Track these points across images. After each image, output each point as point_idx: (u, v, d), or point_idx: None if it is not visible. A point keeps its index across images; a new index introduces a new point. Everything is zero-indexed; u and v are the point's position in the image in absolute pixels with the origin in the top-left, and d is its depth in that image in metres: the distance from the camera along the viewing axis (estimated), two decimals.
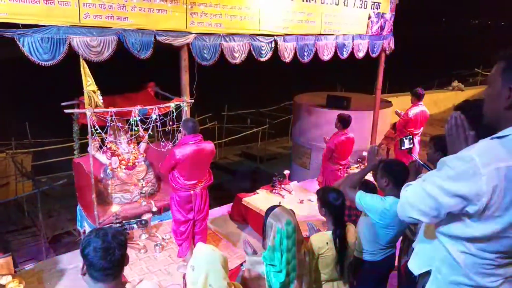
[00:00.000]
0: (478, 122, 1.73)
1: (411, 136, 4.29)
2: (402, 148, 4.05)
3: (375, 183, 3.43)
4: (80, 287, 1.67)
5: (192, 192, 4.01)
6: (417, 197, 1.72)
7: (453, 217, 1.67)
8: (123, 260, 1.64)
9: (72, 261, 4.60)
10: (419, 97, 6.47)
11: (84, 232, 5.10)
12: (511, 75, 1.57)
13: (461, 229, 1.66)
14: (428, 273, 1.86)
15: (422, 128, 6.70)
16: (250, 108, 14.95)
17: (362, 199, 2.78)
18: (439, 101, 15.29)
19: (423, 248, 1.95)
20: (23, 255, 6.94)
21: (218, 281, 1.82)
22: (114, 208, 4.69)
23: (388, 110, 9.08)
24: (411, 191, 1.77)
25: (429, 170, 3.18)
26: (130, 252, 4.55)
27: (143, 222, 4.89)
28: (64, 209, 8.48)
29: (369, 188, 3.13)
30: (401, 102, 11.60)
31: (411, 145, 4.16)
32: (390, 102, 9.83)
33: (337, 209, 2.59)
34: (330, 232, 2.58)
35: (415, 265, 1.96)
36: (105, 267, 1.56)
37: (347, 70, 15.04)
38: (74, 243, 7.44)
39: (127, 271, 4.19)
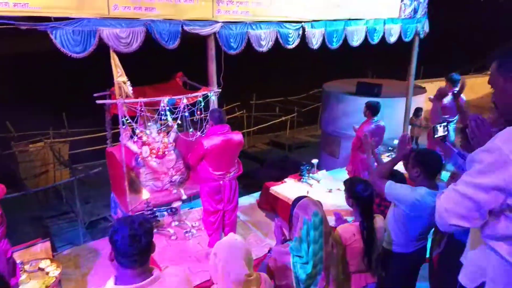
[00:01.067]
0: None
1: (445, 123, 4.08)
2: (436, 136, 3.88)
3: (405, 173, 3.32)
4: (114, 272, 1.73)
5: (221, 182, 4.04)
6: (452, 202, 1.63)
7: (496, 216, 1.59)
8: (150, 247, 1.67)
9: (108, 246, 4.78)
10: (454, 82, 6.18)
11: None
12: (507, 69, 1.59)
13: (508, 227, 1.57)
14: (481, 285, 1.76)
15: (458, 116, 6.41)
16: (278, 97, 14.85)
17: (392, 189, 2.70)
18: (477, 86, 14.56)
19: (473, 259, 1.84)
20: (62, 240, 7.28)
21: (235, 270, 1.83)
22: (145, 195, 4.81)
23: (421, 97, 8.77)
24: (445, 197, 1.69)
25: (463, 158, 3.06)
26: (161, 238, 4.69)
27: (173, 209, 5.00)
28: (100, 195, 8.80)
29: (397, 178, 3.04)
30: (436, 87, 11.13)
31: (446, 133, 3.98)
32: (424, 88, 9.50)
33: (365, 200, 2.53)
34: (357, 224, 2.53)
35: (468, 279, 1.84)
36: (132, 254, 1.60)
37: (378, 56, 14.62)
38: (110, 229, 7.74)
39: (157, 257, 4.31)
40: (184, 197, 5.15)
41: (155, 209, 4.90)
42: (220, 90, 5.00)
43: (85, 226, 7.90)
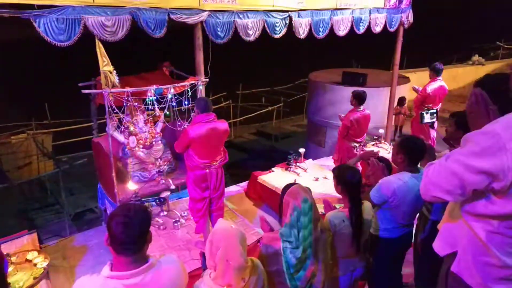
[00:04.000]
0: (500, 97, 1.70)
1: (434, 110, 4.15)
2: (423, 122, 3.97)
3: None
4: (102, 262, 1.73)
5: (207, 170, 4.06)
6: (440, 176, 1.68)
7: (478, 194, 1.64)
8: (144, 236, 1.66)
9: (94, 237, 4.76)
10: (438, 72, 6.29)
11: (105, 210, 5.25)
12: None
13: (487, 206, 1.63)
14: (453, 255, 1.84)
15: (440, 104, 6.55)
16: (265, 87, 14.85)
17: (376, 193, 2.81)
18: (458, 76, 14.89)
19: (448, 228, 1.91)
20: (48, 232, 7.20)
21: (235, 256, 1.86)
22: (131, 186, 4.80)
23: (405, 86, 8.91)
24: (433, 170, 1.73)
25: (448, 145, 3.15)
26: (150, 228, 4.69)
27: (161, 199, 5.00)
28: (85, 187, 8.73)
29: (386, 165, 3.12)
30: (419, 77, 11.34)
31: (434, 119, 4.05)
32: (408, 78, 9.63)
33: (353, 186, 2.59)
34: (346, 210, 2.59)
35: (440, 247, 1.92)
36: (124, 241, 1.60)
37: (363, 46, 14.73)
38: (96, 220, 7.67)
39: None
40: (172, 187, 5.15)
41: (143, 199, 4.89)
42: (207, 79, 4.98)
43: (70, 217, 7.84)
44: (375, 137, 7.00)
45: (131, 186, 4.88)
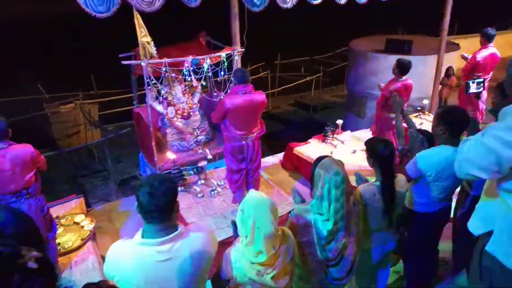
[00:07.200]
0: None
1: (481, 80, 3.89)
2: (469, 92, 3.75)
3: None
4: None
5: (244, 142, 4.09)
6: (476, 152, 1.59)
7: None
8: (170, 205, 1.71)
9: None
10: (489, 38, 5.82)
11: None
12: None
13: None
14: (489, 234, 1.77)
15: (491, 73, 6.11)
16: (304, 56, 14.48)
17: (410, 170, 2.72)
18: None
19: (484, 207, 1.83)
20: (96, 197, 7.66)
21: (265, 224, 1.90)
22: (170, 155, 4.96)
23: (455, 54, 8.36)
24: (469, 146, 1.65)
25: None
26: (188, 196, 4.87)
27: (199, 168, 5.15)
28: (130, 155, 9.09)
29: (427, 137, 2.98)
30: (470, 44, 10.56)
31: (480, 89, 3.80)
32: (458, 44, 9.02)
33: (385, 159, 2.50)
34: (378, 183, 2.53)
35: (475, 226, 1.85)
36: (150, 210, 1.67)
37: (409, 10, 13.88)
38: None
39: (185, 214, 4.49)
40: (210, 156, 5.27)
41: (181, 168, 5.05)
42: (243, 49, 4.93)
43: (117, 184, 8.27)
44: (418, 108, 6.70)
45: (170, 155, 5.05)
